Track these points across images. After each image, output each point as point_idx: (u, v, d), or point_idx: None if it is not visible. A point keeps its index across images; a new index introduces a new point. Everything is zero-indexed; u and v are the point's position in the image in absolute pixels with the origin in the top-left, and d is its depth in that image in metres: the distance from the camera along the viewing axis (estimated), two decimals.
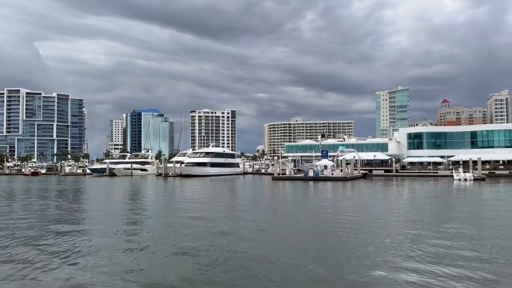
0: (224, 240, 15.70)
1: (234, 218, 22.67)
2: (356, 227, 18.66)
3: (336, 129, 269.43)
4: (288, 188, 49.48)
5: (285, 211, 27.98)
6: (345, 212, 25.11)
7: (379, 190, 46.30)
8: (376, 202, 32.52)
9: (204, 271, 11.38)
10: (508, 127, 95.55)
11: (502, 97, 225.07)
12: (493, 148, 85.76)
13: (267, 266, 11.93)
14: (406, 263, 11.99)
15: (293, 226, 20.06)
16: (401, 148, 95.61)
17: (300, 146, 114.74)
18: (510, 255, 12.96)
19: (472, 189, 45.74)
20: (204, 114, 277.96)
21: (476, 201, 33.58)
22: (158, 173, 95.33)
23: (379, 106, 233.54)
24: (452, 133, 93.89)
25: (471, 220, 21.46)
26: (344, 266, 11.80)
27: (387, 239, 15.85)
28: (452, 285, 9.91)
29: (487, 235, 16.58)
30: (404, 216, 23.57)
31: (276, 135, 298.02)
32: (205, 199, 36.20)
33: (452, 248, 13.92)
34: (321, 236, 16.75)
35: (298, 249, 14.12)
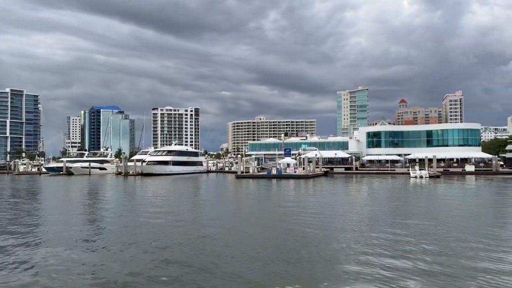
0: (187, 239, 15.40)
1: (196, 217, 22.35)
2: (318, 223, 18.90)
3: (299, 127, 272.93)
4: (252, 186, 49.52)
5: (248, 208, 27.92)
6: (307, 208, 25.40)
7: (340, 187, 47.28)
8: (338, 199, 33.16)
9: (163, 269, 11.07)
10: (461, 126, 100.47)
11: (456, 97, 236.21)
12: (448, 147, 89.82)
13: (231, 263, 11.78)
14: (367, 255, 12.29)
15: (256, 224, 20.02)
16: (361, 146, 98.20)
17: (264, 145, 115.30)
18: (462, 247, 13.61)
19: (427, 186, 47.64)
20: (167, 112, 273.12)
21: (431, 197, 35.02)
22: (118, 172, 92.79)
23: (340, 105, 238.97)
24: (409, 132, 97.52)
25: (426, 214, 22.39)
26: (308, 261, 11.87)
27: (348, 233, 16.16)
28: (409, 276, 10.27)
29: (441, 228, 17.42)
30: (364, 211, 24.15)
31: (240, 133, 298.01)
32: (167, 198, 35.52)
33: (409, 241, 14.52)
34: (284, 233, 16.79)
35: (262, 246, 14.07)
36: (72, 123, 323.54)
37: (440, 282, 9.87)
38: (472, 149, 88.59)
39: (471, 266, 11.28)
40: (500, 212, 24.31)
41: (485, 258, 12.14)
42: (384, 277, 10.35)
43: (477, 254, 12.63)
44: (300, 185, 48.78)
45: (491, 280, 10.02)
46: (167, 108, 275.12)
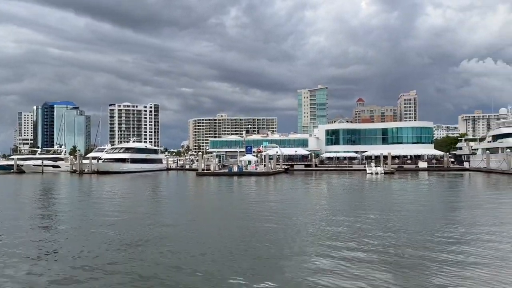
0: (145, 239, 15.04)
1: (155, 215, 21.88)
2: (279, 219, 19.05)
3: (260, 125, 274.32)
4: (213, 183, 49.23)
5: (209, 206, 27.69)
6: (269, 205, 25.57)
7: (300, 184, 48.00)
8: (298, 195, 33.64)
9: (120, 271, 10.74)
10: (415, 124, 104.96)
11: (410, 96, 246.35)
12: (402, 144, 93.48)
13: (192, 262, 11.62)
14: (328, 247, 12.57)
15: (217, 221, 19.89)
16: (320, 143, 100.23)
17: (225, 142, 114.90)
18: (412, 237, 14.32)
19: (383, 181, 49.39)
20: (125, 108, 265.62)
21: (386, 192, 36.34)
22: (73, 170, 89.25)
23: (301, 103, 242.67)
24: (365, 130, 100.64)
25: (381, 208, 23.24)
26: (270, 256, 11.93)
27: (309, 228, 16.42)
28: (365, 265, 10.60)
29: (395, 221, 18.31)
30: (324, 207, 24.68)
31: (201, 130, 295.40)
32: (124, 196, 34.56)
33: (366, 233, 15.08)
34: (246, 229, 16.79)
35: (224, 243, 13.99)
36: (24, 119, 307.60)
37: (396, 272, 10.24)
38: (425, 146, 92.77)
39: (422, 255, 11.84)
40: (449, 206, 25.61)
41: (436, 248, 12.76)
42: (344, 268, 10.61)
43: (428, 244, 13.31)
44: (261, 182, 49.06)
45: (444, 268, 10.53)
46: (125, 104, 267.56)
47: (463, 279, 9.81)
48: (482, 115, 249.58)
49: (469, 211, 22.67)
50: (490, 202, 27.09)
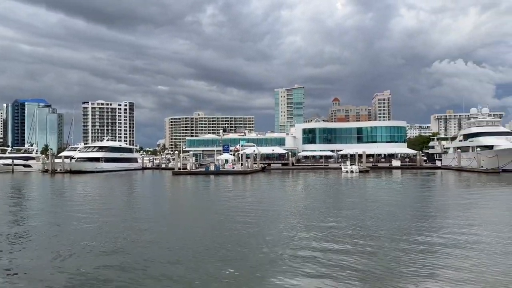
0: (119, 241, 14.77)
1: (130, 216, 21.52)
2: (256, 218, 19.09)
3: (237, 123, 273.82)
4: (189, 182, 48.85)
5: (185, 206, 27.46)
6: (246, 204, 25.57)
7: (277, 182, 48.23)
8: (275, 193, 33.80)
9: (95, 272, 10.50)
10: (389, 124, 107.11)
11: (384, 96, 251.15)
12: (376, 143, 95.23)
13: (167, 264, 11.48)
14: (305, 241, 12.71)
15: (194, 221, 19.74)
16: (297, 142, 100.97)
17: (202, 141, 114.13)
18: (383, 231, 14.79)
19: (358, 180, 50.20)
20: (99, 106, 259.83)
21: (361, 190, 37.00)
22: (44, 169, 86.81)
23: (278, 102, 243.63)
24: (341, 129, 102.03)
25: (356, 205, 23.78)
26: (247, 255, 11.92)
27: (287, 224, 16.51)
28: (342, 257, 10.79)
29: (369, 217, 18.82)
30: (300, 205, 24.90)
31: (178, 129, 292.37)
32: (98, 196, 33.85)
33: (341, 228, 15.46)
34: (223, 229, 16.72)
35: (200, 244, 13.89)
36: None
37: (373, 265, 10.44)
38: (399, 145, 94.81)
39: (396, 248, 12.18)
40: (422, 203, 26.26)
41: (409, 241, 13.10)
42: (320, 264, 10.72)
43: (401, 239, 13.74)
44: (238, 181, 49.02)
45: (419, 261, 10.80)
46: (98, 102, 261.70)
47: (436, 271, 10.10)
48: (453, 115, 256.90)
49: (440, 208, 23.31)
50: (460, 199, 27.93)
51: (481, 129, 71.76)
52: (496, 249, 12.56)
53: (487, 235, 14.61)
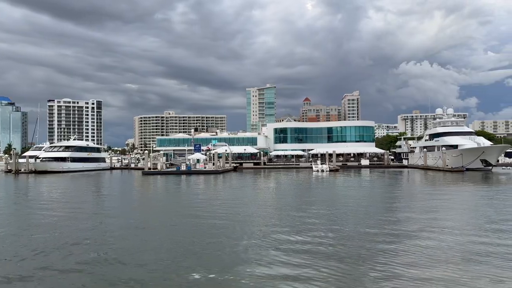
0: (85, 243, 14.25)
1: (98, 217, 20.86)
2: (229, 217, 18.93)
3: (209, 123, 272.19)
4: (160, 182, 48.05)
5: (155, 206, 26.92)
6: (217, 203, 25.33)
7: (249, 181, 48.17)
8: (247, 192, 33.71)
9: (63, 275, 10.05)
10: (358, 124, 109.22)
11: (354, 97, 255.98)
12: (346, 143, 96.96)
13: (137, 266, 11.15)
14: (279, 234, 12.65)
15: (164, 222, 19.35)
16: (269, 142, 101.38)
17: (173, 140, 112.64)
18: (353, 226, 15.03)
19: (328, 178, 50.88)
20: (65, 104, 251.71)
21: (331, 188, 37.53)
22: (8, 170, 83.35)
23: (250, 102, 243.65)
24: (312, 129, 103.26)
25: (326, 202, 24.15)
26: (220, 254, 11.75)
27: (259, 223, 16.44)
28: (313, 250, 10.85)
29: (338, 213, 19.20)
30: (272, 203, 24.96)
31: (148, 128, 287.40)
32: (63, 198, 32.70)
33: (313, 223, 15.67)
34: (195, 229, 16.46)
35: (170, 246, 13.59)
36: None
37: (343, 260, 10.52)
38: (367, 144, 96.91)
39: (365, 242, 12.36)
40: (389, 201, 26.87)
41: (377, 235, 13.34)
42: (289, 260, 10.69)
43: (370, 233, 14.06)
44: (210, 181, 48.64)
45: (385, 253, 10.97)
46: (65, 100, 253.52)
47: (401, 266, 10.28)
48: (419, 115, 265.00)
49: (406, 206, 23.88)
50: (426, 197, 28.76)
51: (446, 129, 74.32)
52: (455, 244, 12.96)
53: (447, 231, 15.07)
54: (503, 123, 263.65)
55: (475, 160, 62.44)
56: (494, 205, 23.33)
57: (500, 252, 11.95)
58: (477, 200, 26.36)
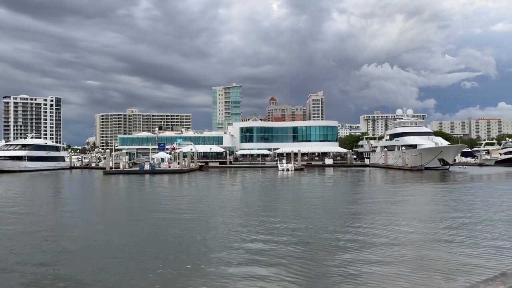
0: (42, 246, 13.62)
1: (56, 218, 20.03)
2: (194, 217, 18.70)
3: (174, 121, 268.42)
4: (122, 182, 46.86)
5: (117, 207, 26.19)
6: (182, 203, 24.97)
7: (215, 181, 47.90)
8: (213, 192, 33.48)
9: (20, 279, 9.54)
10: (322, 123, 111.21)
11: (318, 97, 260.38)
12: (310, 142, 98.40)
13: (99, 270, 10.76)
14: (243, 234, 12.59)
15: (125, 223, 18.85)
16: (235, 141, 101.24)
17: (136, 139, 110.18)
18: (317, 222, 15.27)
19: (293, 177, 51.45)
20: (22, 101, 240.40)
21: (296, 186, 37.97)
22: None
23: (216, 100, 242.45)
24: (277, 128, 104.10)
25: (291, 200, 24.42)
26: (184, 255, 11.55)
27: (224, 222, 16.34)
28: (279, 247, 10.87)
29: (303, 211, 19.46)
30: (238, 202, 24.91)
31: (110, 126, 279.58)
32: (19, 198, 31.18)
33: (278, 221, 15.75)
34: (159, 230, 16.12)
35: (132, 248, 13.23)
36: None
37: (308, 256, 10.62)
38: (331, 144, 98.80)
39: (330, 239, 12.56)
40: (351, 198, 27.52)
41: (341, 231, 13.57)
42: (254, 259, 10.67)
43: (335, 229, 14.32)
44: (174, 180, 47.95)
45: (351, 249, 11.19)
46: (21, 96, 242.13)
47: (365, 263, 10.52)
48: (381, 116, 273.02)
49: (367, 203, 24.53)
50: (385, 194, 29.67)
51: (406, 129, 76.98)
52: (412, 240, 13.44)
53: (405, 226, 15.61)
54: (460, 124, 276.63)
55: (433, 160, 65.04)
56: (449, 202, 24.37)
57: (452, 246, 12.47)
58: (434, 198, 27.47)
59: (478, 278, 8.53)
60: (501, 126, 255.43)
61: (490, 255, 11.48)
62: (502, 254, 11.63)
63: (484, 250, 11.98)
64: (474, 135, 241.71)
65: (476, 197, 26.80)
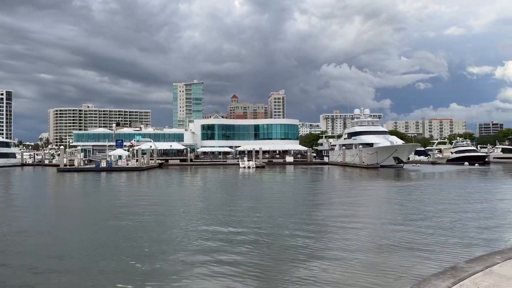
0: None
1: (4, 220, 18.93)
2: (152, 216, 18.28)
3: (132, 118, 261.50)
4: (77, 180, 45.09)
5: (71, 206, 25.14)
6: (140, 201, 24.33)
7: (175, 178, 47.17)
8: (173, 190, 32.95)
9: None
10: (283, 122, 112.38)
11: (279, 95, 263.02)
12: (272, 140, 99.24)
13: (51, 273, 10.23)
14: (202, 233, 12.41)
15: (80, 223, 18.13)
16: (196, 138, 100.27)
17: (92, 135, 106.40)
18: (279, 219, 15.30)
19: (254, 175, 51.66)
20: None
21: (257, 184, 38.17)
22: None
23: (176, 97, 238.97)
24: (239, 126, 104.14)
25: (252, 198, 24.51)
26: (143, 256, 11.24)
27: (181, 223, 16.07)
28: (236, 246, 10.83)
29: (264, 207, 19.71)
30: (198, 200, 24.72)
31: (64, 122, 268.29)
32: None
33: (238, 217, 15.70)
34: (116, 230, 15.60)
35: (86, 249, 12.72)
36: None
37: (268, 252, 10.65)
38: (292, 142, 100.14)
39: (288, 235, 12.63)
40: (311, 195, 27.99)
41: (299, 228, 13.75)
42: (216, 261, 10.58)
43: (294, 226, 14.42)
44: (133, 178, 46.75)
45: (307, 244, 11.33)
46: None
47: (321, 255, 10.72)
48: (339, 115, 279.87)
49: (326, 199, 25.07)
50: (342, 191, 30.43)
51: (363, 129, 79.36)
52: (369, 234, 13.86)
53: (361, 221, 16.08)
54: (414, 123, 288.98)
55: (389, 158, 67.47)
56: (402, 199, 25.34)
57: (402, 241, 12.95)
58: (388, 194, 28.49)
59: (429, 272, 8.89)
60: (453, 126, 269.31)
61: (440, 250, 12.00)
62: (451, 249, 12.20)
63: (434, 246, 12.51)
64: (427, 134, 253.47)
65: (426, 194, 28.03)
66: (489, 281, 4.35)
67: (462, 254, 11.18)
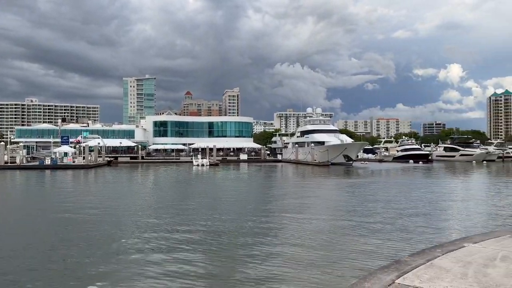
0: None
1: None
2: (98, 216, 17.57)
3: (79, 113, 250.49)
4: (18, 178, 42.51)
5: (10, 206, 23.63)
6: (87, 201, 23.32)
7: (124, 177, 45.76)
8: (121, 188, 31.96)
9: None
10: (238, 119, 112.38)
11: (234, 93, 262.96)
12: (226, 137, 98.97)
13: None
14: (152, 234, 12.08)
15: (23, 224, 17.09)
16: (148, 135, 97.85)
17: (36, 131, 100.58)
18: (230, 216, 15.25)
19: (208, 172, 51.28)
20: None
21: (210, 182, 37.91)
22: None
23: (127, 92, 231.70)
24: (193, 123, 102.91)
25: (205, 195, 24.25)
26: (86, 259, 10.75)
27: (130, 224, 15.59)
28: (191, 240, 10.58)
29: (218, 204, 19.24)
30: (149, 198, 24.20)
31: (5, 116, 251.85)
32: None
33: (189, 215, 15.51)
34: (61, 231, 14.82)
35: (32, 251, 11.99)
36: None
37: (218, 253, 10.58)
38: (246, 140, 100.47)
39: (239, 233, 12.61)
40: (264, 192, 28.24)
41: (249, 223, 13.81)
42: (169, 262, 10.35)
43: (243, 222, 14.39)
44: (79, 176, 44.78)
45: (262, 241, 11.38)
46: None
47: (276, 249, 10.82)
48: (293, 113, 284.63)
49: (279, 195, 25.40)
50: (294, 187, 30.98)
51: (315, 127, 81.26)
52: (319, 226, 14.22)
53: (308, 218, 16.46)
54: (363, 123, 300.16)
55: (339, 155, 69.55)
56: (351, 193, 26.22)
57: (349, 236, 13.40)
58: (337, 189, 29.36)
59: (374, 266, 9.22)
60: (399, 125, 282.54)
61: (384, 245, 12.51)
62: (395, 244, 12.75)
63: (379, 240, 13.02)
64: (375, 133, 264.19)
65: (372, 190, 29.20)
66: (430, 273, 4.57)
67: (405, 249, 11.71)
